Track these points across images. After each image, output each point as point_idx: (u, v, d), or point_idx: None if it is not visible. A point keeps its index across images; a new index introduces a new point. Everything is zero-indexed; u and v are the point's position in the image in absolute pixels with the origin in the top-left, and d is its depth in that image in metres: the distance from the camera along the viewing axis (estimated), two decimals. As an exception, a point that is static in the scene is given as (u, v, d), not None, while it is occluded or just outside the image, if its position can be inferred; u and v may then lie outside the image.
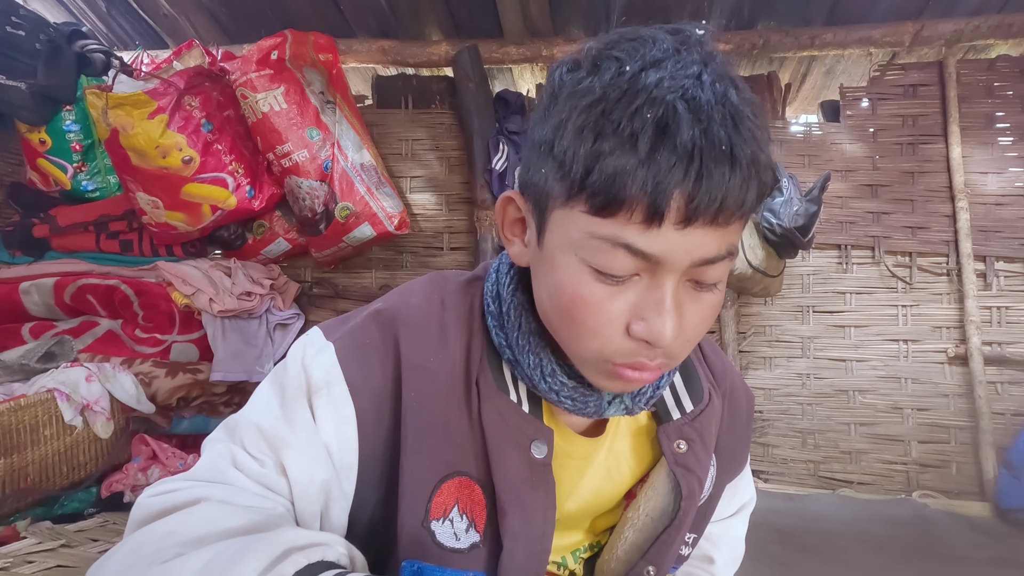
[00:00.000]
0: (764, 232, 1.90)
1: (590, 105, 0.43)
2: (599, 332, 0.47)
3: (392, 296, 0.59)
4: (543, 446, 0.55)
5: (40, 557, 1.29)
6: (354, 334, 0.55)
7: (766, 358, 2.31)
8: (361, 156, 2.12)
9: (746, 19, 2.27)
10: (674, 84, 0.41)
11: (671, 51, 0.44)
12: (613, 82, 0.42)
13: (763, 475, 2.25)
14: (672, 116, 0.40)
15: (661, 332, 0.45)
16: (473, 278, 0.62)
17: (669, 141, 0.40)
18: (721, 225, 0.43)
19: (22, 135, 2.04)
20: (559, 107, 0.45)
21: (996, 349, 2.15)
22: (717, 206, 0.41)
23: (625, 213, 0.42)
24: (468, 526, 0.54)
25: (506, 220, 0.55)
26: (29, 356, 1.67)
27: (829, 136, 2.33)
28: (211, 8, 2.31)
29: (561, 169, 0.44)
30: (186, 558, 0.39)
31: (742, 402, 0.69)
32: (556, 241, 0.47)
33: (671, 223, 0.42)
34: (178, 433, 1.99)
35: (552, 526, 0.55)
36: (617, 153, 0.41)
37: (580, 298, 0.46)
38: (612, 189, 0.41)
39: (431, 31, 2.39)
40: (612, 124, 0.41)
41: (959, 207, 2.19)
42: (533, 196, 0.49)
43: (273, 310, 2.23)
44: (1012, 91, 2.24)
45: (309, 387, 0.52)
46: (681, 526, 0.60)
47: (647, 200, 0.41)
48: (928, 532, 1.88)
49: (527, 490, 0.54)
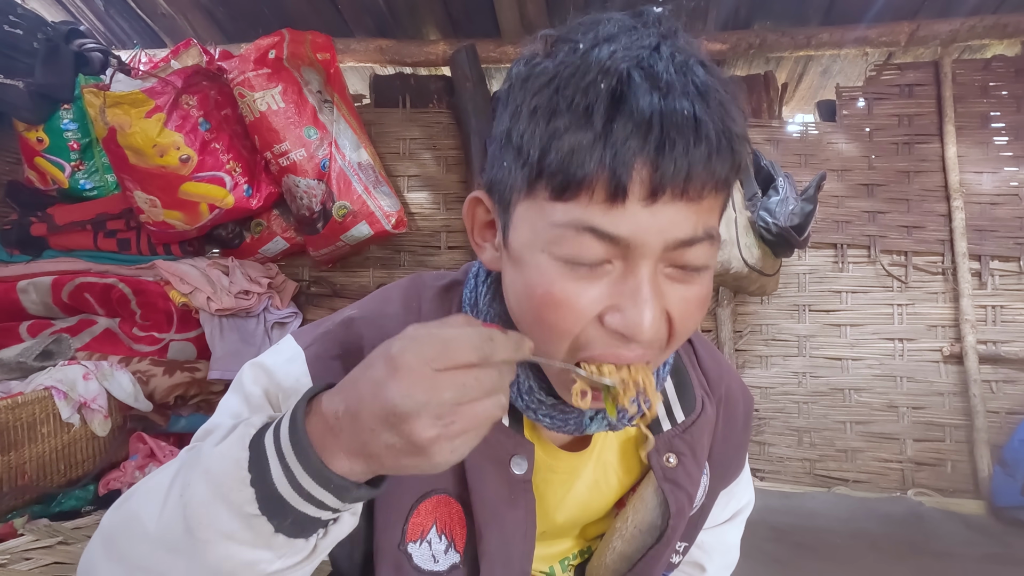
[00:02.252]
0: (760, 231, 1.90)
1: (543, 86, 0.41)
2: (572, 331, 0.44)
3: (367, 303, 0.57)
4: (523, 462, 0.53)
5: (37, 554, 1.29)
6: (325, 343, 0.53)
7: (762, 357, 2.32)
8: (359, 155, 2.12)
9: (743, 19, 2.28)
10: (628, 54, 0.39)
11: (627, 28, 0.42)
12: (565, 60, 0.41)
13: (759, 473, 2.25)
14: (627, 84, 0.38)
15: (638, 323, 0.41)
16: (452, 283, 0.60)
17: (625, 109, 0.38)
18: (693, 200, 0.40)
19: (20, 134, 2.04)
20: (514, 96, 0.44)
21: (991, 348, 2.16)
22: (684, 177, 0.38)
23: (586, 193, 0.40)
24: (448, 546, 0.52)
25: (476, 224, 0.52)
26: (27, 354, 1.67)
27: (825, 136, 2.33)
28: (209, 7, 2.31)
29: (520, 156, 0.43)
30: (159, 474, 0.43)
31: (739, 407, 0.66)
32: (522, 239, 0.45)
33: (636, 199, 0.39)
34: (176, 431, 1.99)
35: (532, 545, 0.54)
36: (572, 129, 0.39)
37: (550, 296, 0.43)
38: (570, 168, 0.39)
39: (429, 31, 2.39)
40: (566, 100, 0.39)
41: (954, 206, 2.20)
42: (498, 192, 0.47)
43: (271, 309, 2.23)
44: (1007, 91, 2.25)
45: (279, 394, 0.50)
46: (670, 542, 0.59)
47: (607, 175, 0.38)
48: (923, 530, 1.89)
49: (505, 509, 0.52)
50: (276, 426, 0.39)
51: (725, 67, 2.48)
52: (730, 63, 2.47)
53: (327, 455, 0.37)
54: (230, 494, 0.37)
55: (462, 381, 0.35)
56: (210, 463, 0.39)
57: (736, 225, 1.90)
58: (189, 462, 0.42)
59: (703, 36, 2.27)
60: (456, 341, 0.36)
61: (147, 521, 0.40)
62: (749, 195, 1.99)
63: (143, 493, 0.43)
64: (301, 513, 0.38)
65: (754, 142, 2.27)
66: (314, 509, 0.38)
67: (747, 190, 2.00)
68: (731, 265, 1.90)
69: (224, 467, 0.38)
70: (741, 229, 1.90)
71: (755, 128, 2.32)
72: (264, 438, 0.39)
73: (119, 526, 0.43)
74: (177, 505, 0.39)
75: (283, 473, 0.37)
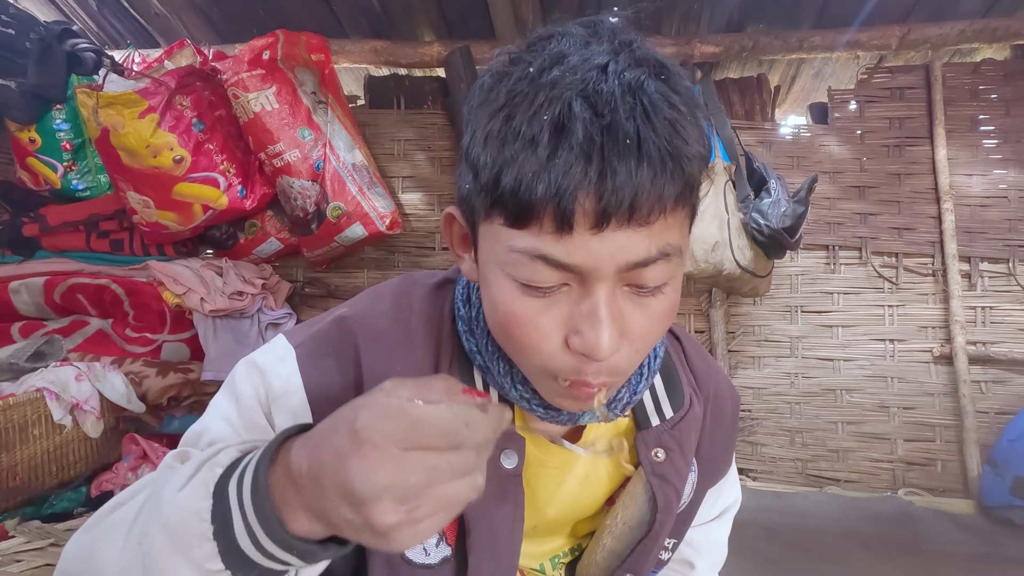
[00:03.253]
0: (752, 233, 1.92)
1: (495, 111, 0.41)
2: (539, 348, 0.44)
3: (359, 301, 0.58)
4: (513, 455, 0.53)
5: (29, 556, 1.29)
6: (316, 341, 0.53)
7: (755, 357, 2.33)
8: (353, 156, 2.12)
9: (736, 22, 2.29)
10: (574, 79, 0.39)
11: (580, 44, 0.41)
12: (516, 86, 0.41)
13: (752, 473, 2.27)
14: (567, 114, 0.38)
15: (595, 344, 0.41)
16: (444, 281, 0.60)
17: (566, 141, 0.38)
18: (642, 224, 0.39)
19: (12, 134, 2.03)
20: (474, 117, 0.44)
21: (980, 348, 2.18)
22: (628, 204, 0.38)
23: (536, 222, 0.40)
24: (439, 539, 0.53)
25: (454, 237, 0.52)
26: (18, 355, 1.67)
27: (817, 138, 2.35)
28: (203, 7, 2.30)
29: (477, 180, 0.43)
30: (124, 506, 0.41)
31: (727, 405, 0.67)
32: (485, 258, 0.45)
33: (584, 228, 0.39)
34: (168, 433, 1.99)
35: (519, 540, 0.54)
36: (520, 159, 0.39)
37: (512, 315, 0.43)
38: (520, 198, 0.39)
39: (423, 32, 2.40)
40: (514, 130, 0.39)
41: (944, 208, 2.22)
42: (465, 211, 0.48)
43: (265, 309, 2.23)
44: (996, 94, 2.27)
45: (268, 395, 0.50)
46: (658, 536, 0.59)
47: (553, 206, 0.38)
48: (913, 529, 1.91)
49: (494, 504, 0.52)
50: (241, 473, 0.37)
51: (718, 70, 2.50)
52: (723, 65, 2.48)
53: (288, 511, 0.35)
54: (191, 549, 0.36)
55: (432, 464, 0.32)
56: (170, 514, 0.37)
57: (729, 227, 1.91)
58: (150, 506, 0.39)
59: (696, 39, 2.29)
60: (428, 423, 0.32)
61: (106, 566, 0.39)
62: (742, 197, 2.00)
63: (104, 530, 0.42)
64: (266, 569, 0.36)
65: (747, 144, 2.28)
66: (280, 565, 0.37)
67: (740, 192, 2.01)
68: (724, 266, 1.91)
69: (185, 521, 0.36)
70: (734, 231, 1.91)
71: (748, 130, 2.34)
72: (229, 485, 0.37)
73: (78, 566, 0.42)
74: (136, 553, 0.38)
75: (245, 530, 0.35)
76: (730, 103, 2.37)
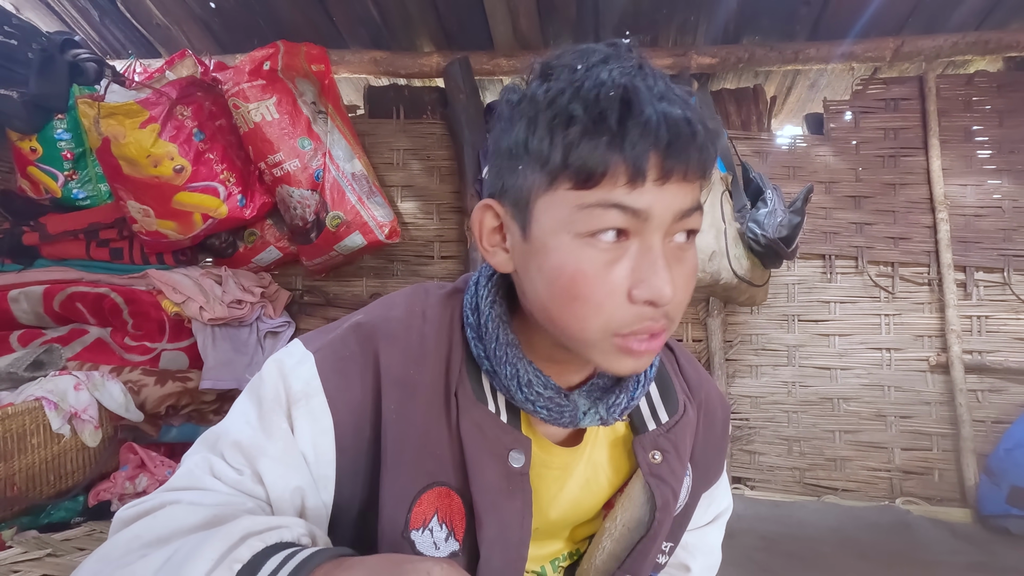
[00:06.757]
0: (749, 242, 1.93)
1: (553, 100, 0.48)
2: (603, 305, 0.48)
3: (373, 308, 0.60)
4: (520, 456, 0.56)
5: (26, 567, 1.29)
6: (334, 346, 0.55)
7: (752, 366, 2.34)
8: (352, 166, 2.13)
9: (732, 34, 2.32)
10: (623, 72, 0.47)
11: (611, 56, 0.49)
12: (570, 79, 0.48)
13: (749, 482, 2.27)
14: (633, 93, 0.46)
15: (661, 289, 0.47)
16: (453, 291, 0.63)
17: (636, 111, 0.46)
18: (690, 181, 0.49)
19: (13, 143, 2.04)
20: (522, 113, 0.50)
21: (976, 357, 2.19)
22: (684, 165, 0.47)
23: (610, 180, 0.47)
24: (448, 535, 0.55)
25: (484, 230, 0.55)
26: (17, 364, 1.66)
27: (813, 148, 2.37)
28: (204, 18, 2.32)
29: (539, 160, 0.48)
30: (148, 558, 0.40)
31: (718, 412, 0.70)
32: (546, 227, 0.50)
33: (651, 180, 0.47)
34: (167, 441, 1.98)
35: (528, 534, 0.56)
36: (592, 132, 0.46)
37: (581, 273, 0.48)
38: (593, 163, 0.46)
39: (423, 42, 2.42)
40: (580, 109, 0.46)
41: (939, 218, 2.24)
42: (512, 197, 0.51)
43: (264, 318, 2.23)
44: (990, 105, 2.30)
45: (288, 398, 0.52)
46: (656, 536, 0.61)
47: (629, 164, 0.46)
48: (911, 538, 1.91)
49: (503, 499, 0.54)
50: None
51: (715, 80, 2.52)
52: (719, 76, 2.51)
53: None
54: None
55: None
56: None
57: (726, 236, 1.93)
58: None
59: (692, 50, 2.31)
60: None
61: None
62: (738, 207, 2.02)
63: None
64: None
65: (743, 155, 2.30)
66: None
67: (736, 202, 2.03)
68: (721, 276, 1.92)
69: None
70: (730, 241, 1.93)
71: (744, 141, 2.35)
72: None
73: None
74: None
75: None
76: (726, 114, 2.39)
